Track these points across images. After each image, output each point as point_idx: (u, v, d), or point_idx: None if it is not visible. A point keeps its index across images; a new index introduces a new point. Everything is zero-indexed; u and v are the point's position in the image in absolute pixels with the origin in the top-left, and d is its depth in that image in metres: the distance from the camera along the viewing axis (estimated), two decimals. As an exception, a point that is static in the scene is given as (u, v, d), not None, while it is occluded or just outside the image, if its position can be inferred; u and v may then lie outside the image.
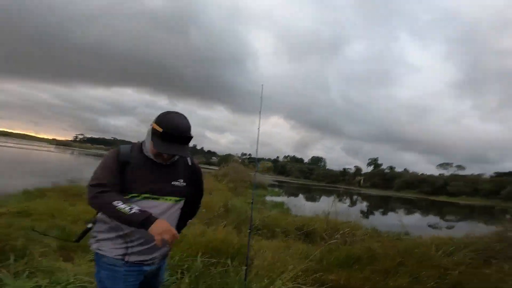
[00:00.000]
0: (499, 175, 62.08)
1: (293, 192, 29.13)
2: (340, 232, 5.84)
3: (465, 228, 6.50)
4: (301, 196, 26.17)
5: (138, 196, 1.35)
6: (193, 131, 1.43)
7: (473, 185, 57.52)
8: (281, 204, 12.31)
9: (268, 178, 38.33)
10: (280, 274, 2.75)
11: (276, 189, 24.18)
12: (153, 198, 1.38)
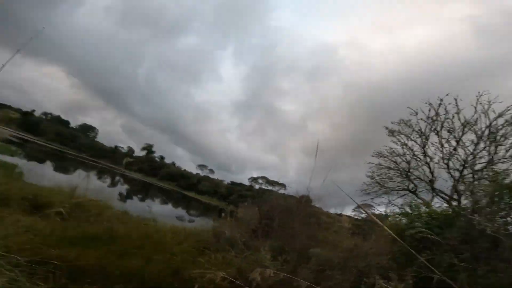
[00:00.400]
0: (233, 183, 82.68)
1: (38, 156, 23.08)
2: (85, 210, 5.20)
3: (200, 222, 7.85)
4: (49, 163, 21.30)
5: None
6: None
7: (215, 188, 72.61)
8: (13, 166, 9.30)
9: (5, 132, 28.81)
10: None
11: (14, 148, 18.19)
12: None
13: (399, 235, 3.82)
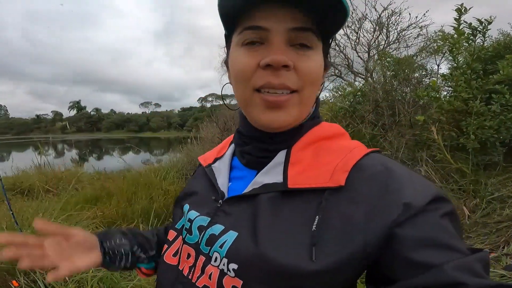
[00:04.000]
0: (183, 110, 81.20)
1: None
2: (67, 181, 5.54)
3: (168, 158, 8.36)
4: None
5: None
6: None
7: (167, 120, 71.13)
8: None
9: None
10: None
11: None
12: None
13: (335, 116, 4.93)
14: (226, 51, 0.48)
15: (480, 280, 0.31)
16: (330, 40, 0.47)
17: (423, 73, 4.67)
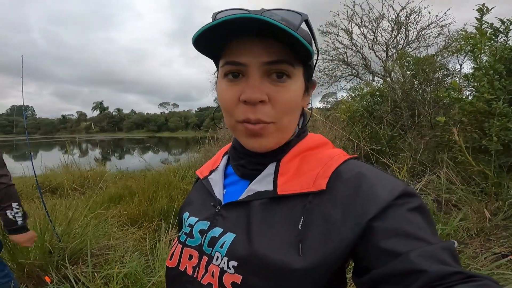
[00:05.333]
0: (201, 110, 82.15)
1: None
2: (92, 180, 5.83)
3: (186, 158, 8.46)
4: (6, 155, 19.88)
5: None
6: None
7: (185, 120, 72.30)
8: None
9: None
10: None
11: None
12: None
13: (352, 117, 4.86)
14: (216, 74, 0.52)
15: (441, 267, 0.33)
16: (313, 62, 0.51)
17: (445, 72, 4.53)
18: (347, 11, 6.07)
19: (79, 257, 2.25)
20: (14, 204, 1.48)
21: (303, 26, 0.46)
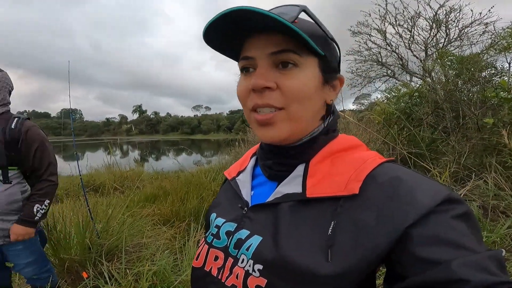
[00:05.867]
0: (232, 112, 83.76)
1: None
2: (131, 180, 6.19)
3: (217, 160, 8.66)
4: (56, 156, 21.89)
5: None
6: None
7: (216, 122, 74.22)
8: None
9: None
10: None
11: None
12: None
13: (388, 119, 4.63)
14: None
15: (486, 277, 0.31)
16: (333, 54, 0.49)
17: (492, 71, 4.13)
18: (379, 11, 5.80)
19: (114, 253, 2.36)
20: (46, 202, 1.56)
21: (305, 17, 0.47)
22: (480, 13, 5.50)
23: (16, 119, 1.47)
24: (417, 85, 5.01)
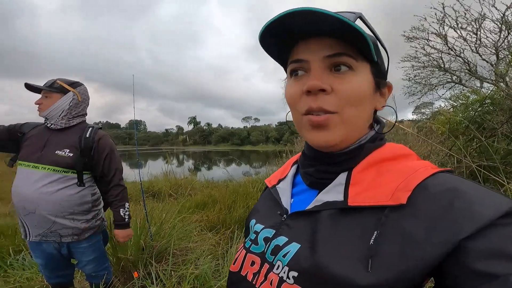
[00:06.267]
0: (280, 124, 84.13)
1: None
2: (183, 187, 6.59)
3: (265, 171, 8.76)
4: (124, 163, 24.47)
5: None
6: None
7: (265, 134, 75.18)
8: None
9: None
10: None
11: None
12: (26, 165, 1.50)
13: (455, 129, 4.17)
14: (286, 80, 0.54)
15: None
16: (383, 61, 0.49)
17: None
18: (435, 14, 5.27)
19: (163, 255, 2.50)
20: (126, 205, 1.72)
21: (360, 23, 0.46)
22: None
23: (90, 128, 1.64)
24: (489, 91, 4.40)
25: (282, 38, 0.45)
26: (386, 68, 0.50)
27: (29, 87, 1.61)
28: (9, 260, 2.52)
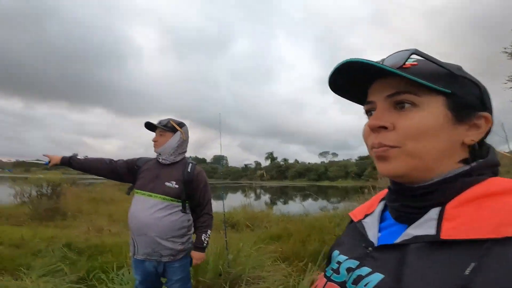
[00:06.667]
0: (361, 158, 78.59)
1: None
2: (259, 220, 6.80)
3: (344, 206, 8.28)
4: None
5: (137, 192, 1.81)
6: (65, 138, 1.90)
7: (344, 169, 70.93)
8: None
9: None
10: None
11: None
12: (142, 194, 1.80)
13: None
14: None
15: None
16: (467, 91, 0.47)
17: None
18: None
19: (237, 282, 2.58)
20: (209, 232, 1.93)
21: (418, 58, 0.48)
22: None
23: (190, 164, 1.93)
24: None
25: (353, 81, 0.51)
26: (479, 97, 0.48)
27: (148, 125, 1.91)
28: (111, 274, 2.89)
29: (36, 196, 7.46)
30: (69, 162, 1.94)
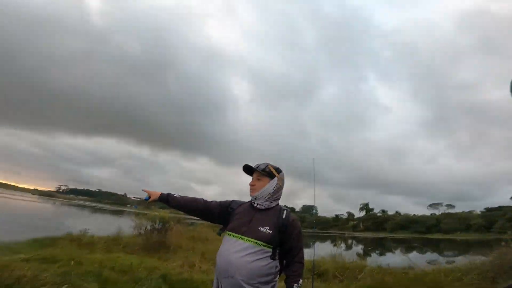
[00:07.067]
0: (489, 210, 63.14)
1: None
2: (351, 270, 6.06)
3: (463, 261, 6.87)
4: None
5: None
6: (177, 183, 1.95)
7: (465, 221, 58.09)
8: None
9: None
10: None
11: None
12: (234, 236, 1.80)
13: None
14: None
15: None
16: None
17: None
18: None
19: None
20: (300, 281, 1.80)
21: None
22: None
23: (285, 211, 1.90)
24: None
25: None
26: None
27: (247, 168, 1.92)
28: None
29: (149, 229, 8.63)
30: (167, 199, 2.00)
